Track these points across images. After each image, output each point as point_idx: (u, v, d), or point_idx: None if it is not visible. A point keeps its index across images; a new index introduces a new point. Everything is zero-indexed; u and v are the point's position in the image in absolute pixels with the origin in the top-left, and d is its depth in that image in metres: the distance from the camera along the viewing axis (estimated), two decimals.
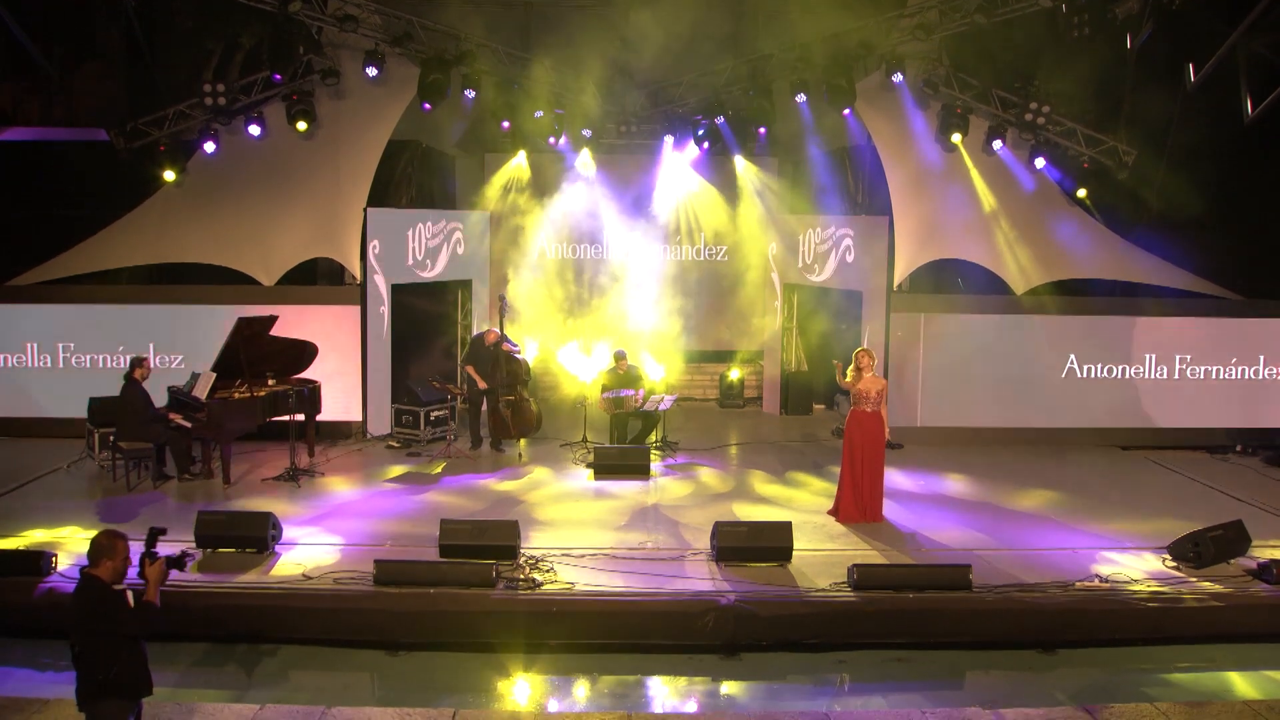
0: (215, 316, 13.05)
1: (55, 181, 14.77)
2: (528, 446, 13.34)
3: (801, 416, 15.92)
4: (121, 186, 14.07)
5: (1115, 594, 8.58)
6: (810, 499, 11.30)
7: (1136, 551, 9.57)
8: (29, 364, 13.60)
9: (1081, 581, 8.77)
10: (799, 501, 11.20)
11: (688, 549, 9.51)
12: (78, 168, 14.57)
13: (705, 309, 16.87)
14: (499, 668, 8.07)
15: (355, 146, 13.66)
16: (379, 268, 13.79)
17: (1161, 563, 9.27)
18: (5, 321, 13.59)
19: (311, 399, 12.44)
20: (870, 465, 10.37)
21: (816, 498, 11.33)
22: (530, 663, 8.13)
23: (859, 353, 10.38)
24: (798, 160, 16.66)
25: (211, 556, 9.07)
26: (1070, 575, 8.89)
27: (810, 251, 15.29)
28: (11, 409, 13.56)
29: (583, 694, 7.75)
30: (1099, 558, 9.41)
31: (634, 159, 16.48)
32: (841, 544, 9.71)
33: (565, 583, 8.56)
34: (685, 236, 16.90)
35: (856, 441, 10.33)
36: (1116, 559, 9.38)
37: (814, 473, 12.38)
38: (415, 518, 10.40)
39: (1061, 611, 8.39)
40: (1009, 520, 10.60)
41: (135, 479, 11.37)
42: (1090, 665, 8.21)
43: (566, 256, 16.82)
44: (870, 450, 10.34)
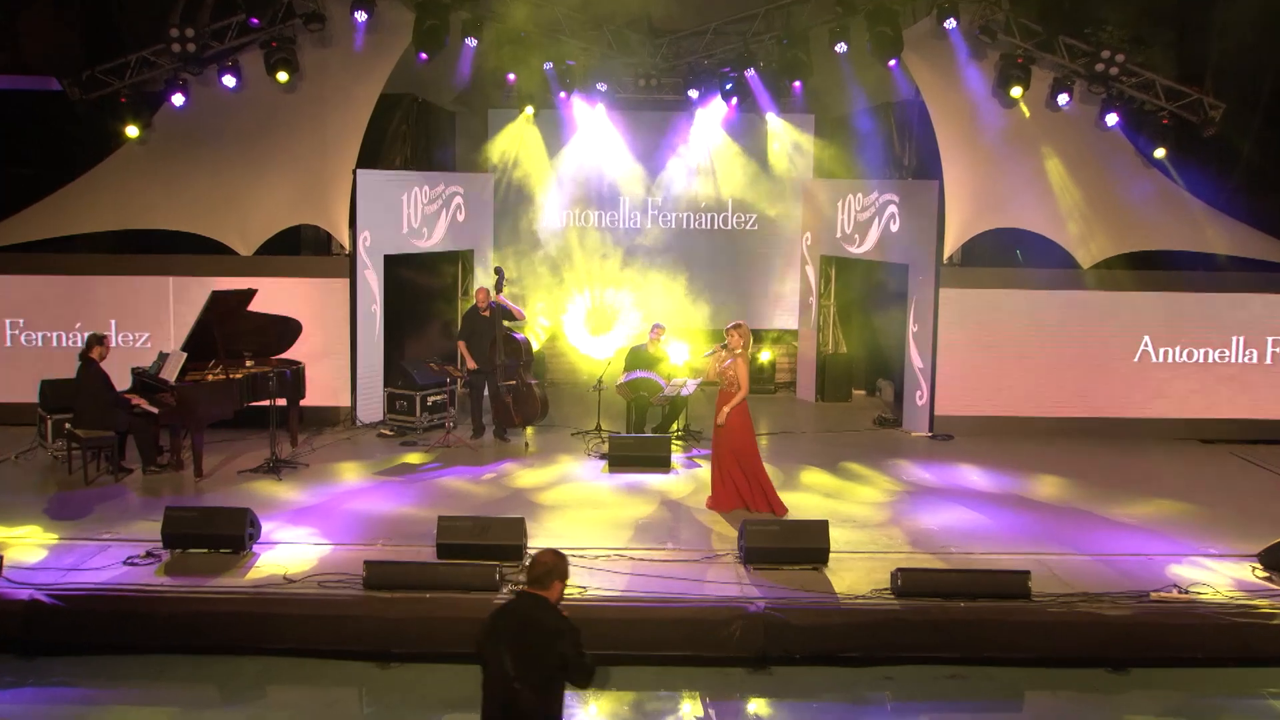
0: (185, 290, 13.04)
1: (0, 136, 14.64)
2: (535, 435, 13.33)
3: (839, 403, 15.91)
4: (77, 143, 14.02)
5: (1196, 607, 8.46)
6: (850, 495, 11.26)
7: (1220, 559, 9.44)
8: None
9: (1157, 592, 8.66)
10: (837, 498, 11.16)
11: (712, 550, 9.49)
12: (26, 121, 14.47)
13: (732, 283, 16.84)
14: None
15: (343, 100, 13.61)
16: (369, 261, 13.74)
17: (1250, 572, 9.13)
18: None
19: (294, 382, 12.42)
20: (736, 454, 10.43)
21: (858, 493, 11.30)
22: None
23: (726, 330, 10.58)
24: (837, 118, 16.58)
25: (181, 558, 9.05)
26: (1144, 584, 8.78)
27: (850, 220, 15.20)
28: None
29: (595, 711, 7.71)
30: (1176, 565, 9.29)
31: (654, 117, 16.41)
32: (884, 545, 9.69)
33: (576, 587, 8.47)
34: (710, 203, 16.83)
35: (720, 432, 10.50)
36: (1197, 567, 9.26)
37: (854, 466, 12.33)
38: (410, 514, 10.38)
39: (1134, 625, 8.28)
40: (1073, 521, 10.51)
41: (94, 471, 11.33)
42: (1167, 687, 8.11)
43: (578, 225, 16.76)
44: (726, 437, 10.44)
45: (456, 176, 15.49)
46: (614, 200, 16.75)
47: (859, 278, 16.12)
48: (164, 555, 9.00)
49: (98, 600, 8.24)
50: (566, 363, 16.33)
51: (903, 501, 11.08)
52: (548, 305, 16.39)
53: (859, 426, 14.46)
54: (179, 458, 11.69)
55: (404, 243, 14.38)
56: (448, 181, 15.09)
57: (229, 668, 8.07)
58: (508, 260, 16.05)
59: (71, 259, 13.78)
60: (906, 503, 11.03)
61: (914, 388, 14.07)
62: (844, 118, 16.35)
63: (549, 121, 16.46)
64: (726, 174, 16.65)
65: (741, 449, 10.48)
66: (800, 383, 16.38)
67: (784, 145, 16.52)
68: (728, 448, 10.46)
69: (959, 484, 11.79)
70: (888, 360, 15.65)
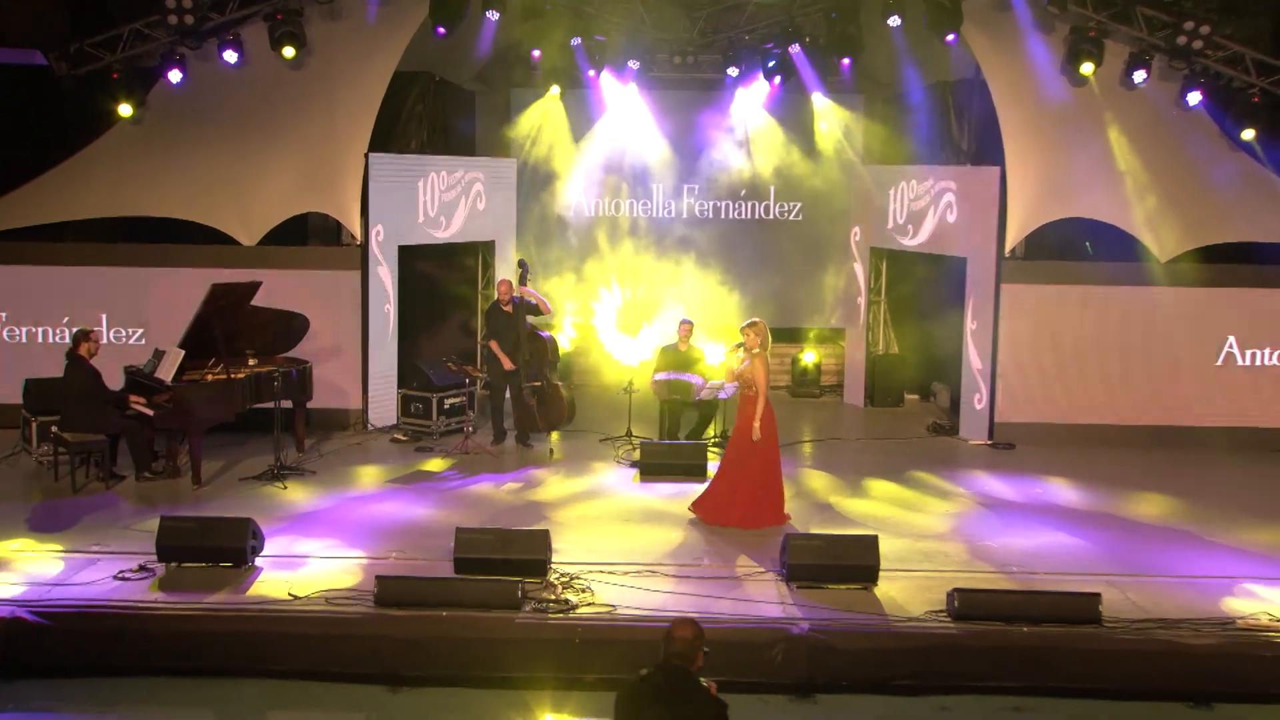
0: (183, 282, 13.06)
1: None
2: (560, 441, 13.30)
3: (890, 409, 15.83)
4: (64, 123, 14.03)
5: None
6: (902, 508, 11.19)
7: None
8: None
9: (1244, 619, 8.54)
10: (887, 511, 11.09)
11: (752, 566, 9.45)
12: (7, 99, 14.41)
13: (774, 277, 16.82)
14: (523, 708, 8.03)
15: (354, 78, 13.63)
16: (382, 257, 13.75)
17: None
18: None
19: (301, 382, 12.44)
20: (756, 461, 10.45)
21: (910, 507, 11.22)
22: (561, 702, 8.08)
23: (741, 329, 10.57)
24: (889, 98, 16.51)
25: (177, 572, 9.05)
26: (1229, 610, 8.67)
27: (903, 209, 15.11)
28: None
29: None
30: (1266, 589, 9.14)
31: (690, 97, 16.38)
32: (939, 563, 9.62)
33: (604, 605, 8.51)
34: (751, 190, 16.81)
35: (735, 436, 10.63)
36: None
37: (906, 477, 12.25)
38: (425, 525, 10.38)
39: (1217, 656, 8.16)
40: (1149, 539, 10.39)
41: (82, 478, 11.36)
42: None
43: (607, 213, 16.77)
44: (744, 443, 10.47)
45: (477, 161, 15.48)
46: (646, 187, 16.72)
47: (912, 272, 16.02)
48: (158, 569, 9.00)
49: (85, 618, 8.24)
50: (593, 362, 16.31)
51: (959, 516, 10.99)
52: (574, 301, 16.36)
53: (911, 434, 14.37)
54: (175, 464, 11.71)
55: (420, 233, 14.38)
56: (467, 166, 15.07)
57: (227, 691, 8.07)
58: (531, 251, 16.02)
59: (58, 248, 13.84)
60: (963, 517, 10.95)
61: (972, 391, 13.95)
62: (897, 98, 16.25)
63: (577, 102, 16.44)
64: (768, 159, 16.60)
65: (769, 458, 10.46)
66: (848, 386, 16.29)
67: (831, 128, 16.43)
68: (758, 459, 10.42)
69: (1021, 497, 11.68)
70: (943, 362, 15.53)
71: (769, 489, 10.54)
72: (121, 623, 8.24)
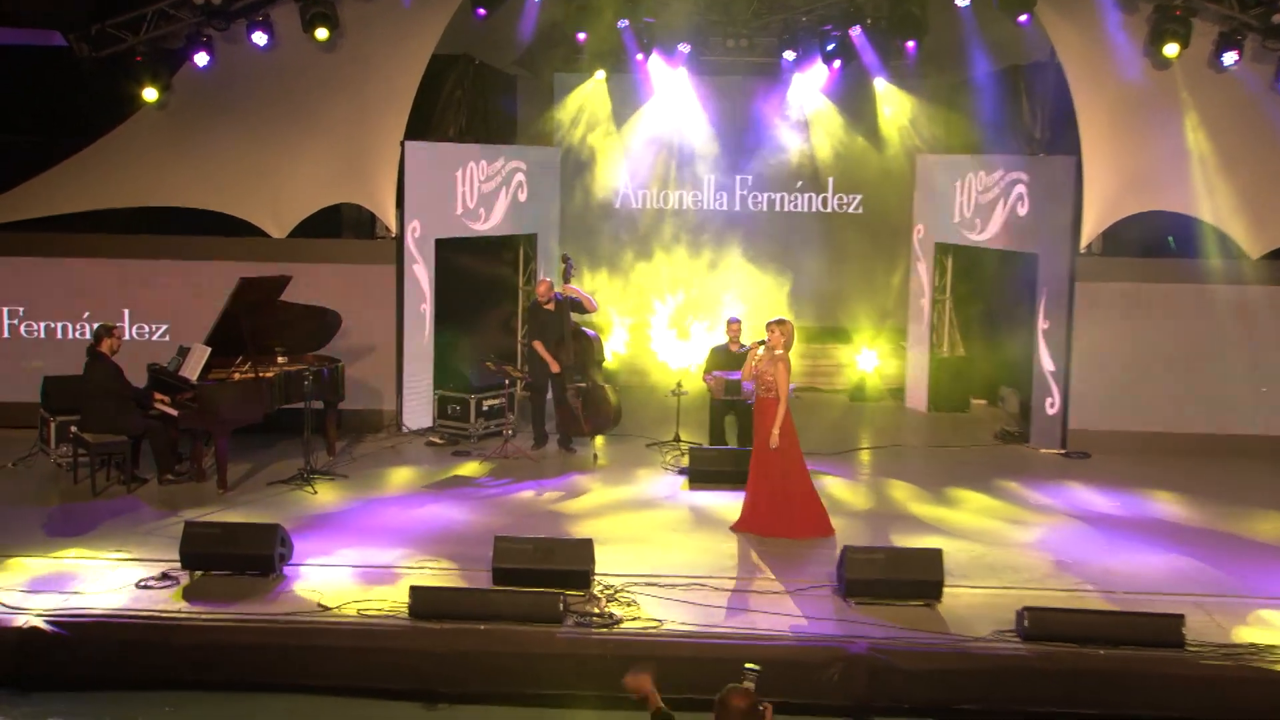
0: (210, 276, 13.17)
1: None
2: (605, 446, 13.29)
3: (955, 414, 15.72)
4: (85, 108, 14.14)
5: None
6: (968, 521, 11.13)
7: None
8: None
9: None
10: (953, 523, 11.03)
11: (808, 580, 9.41)
12: (25, 82, 14.56)
13: (831, 274, 16.82)
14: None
15: (389, 62, 13.69)
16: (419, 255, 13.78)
17: None
18: None
19: (332, 382, 12.50)
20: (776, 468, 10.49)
21: (976, 519, 11.16)
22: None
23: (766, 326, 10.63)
24: (956, 84, 16.43)
25: (201, 580, 9.12)
26: None
27: (970, 202, 15.01)
28: None
29: None
30: None
31: (743, 82, 16.39)
32: (1008, 580, 9.53)
33: (651, 619, 8.51)
34: (808, 182, 16.77)
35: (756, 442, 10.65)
36: None
37: (972, 487, 12.17)
38: (462, 533, 10.42)
39: None
40: (1237, 558, 10.24)
41: (103, 481, 11.47)
42: None
43: (655, 205, 16.80)
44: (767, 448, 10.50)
45: (518, 150, 15.51)
46: (696, 177, 16.74)
47: (979, 269, 15.90)
48: (182, 577, 9.06)
49: (105, 628, 8.32)
50: (639, 363, 16.30)
51: (1029, 529, 10.90)
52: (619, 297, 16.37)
53: (978, 441, 14.29)
54: (200, 466, 11.79)
55: (458, 225, 14.43)
56: (508, 155, 15.10)
57: (253, 706, 8.13)
58: (574, 246, 16.03)
59: (79, 240, 13.95)
60: (1034, 531, 10.85)
61: (1044, 396, 13.83)
62: (964, 83, 16.13)
63: (623, 87, 16.46)
64: (826, 148, 16.59)
65: (791, 467, 10.48)
66: (909, 390, 16.18)
67: (894, 115, 16.38)
68: (777, 468, 10.45)
69: (1097, 510, 11.57)
70: (1013, 365, 15.41)
71: (793, 497, 10.51)
72: (143, 633, 8.31)
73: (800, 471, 10.59)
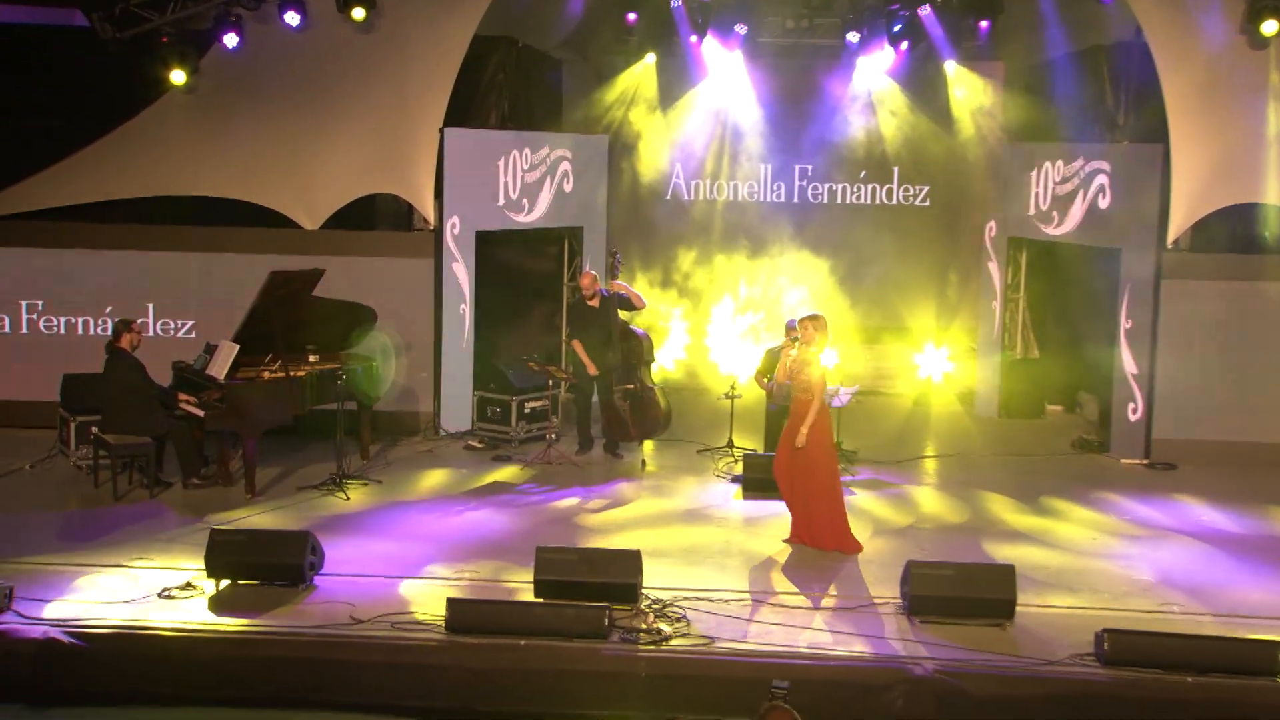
0: (238, 269, 13.28)
1: (15, 80, 14.78)
2: (654, 452, 13.31)
3: (1028, 420, 15.71)
4: (109, 90, 14.21)
5: None
6: (1042, 535, 11.05)
7: None
8: None
9: None
10: (1026, 538, 10.97)
11: (869, 596, 9.40)
12: (46, 63, 14.65)
13: (896, 272, 16.80)
14: None
15: (429, 44, 13.76)
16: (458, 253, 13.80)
17: None
18: None
19: (366, 382, 12.55)
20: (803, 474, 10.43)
21: (1052, 534, 11.08)
22: None
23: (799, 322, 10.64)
24: (1033, 65, 16.36)
25: (228, 590, 9.17)
26: None
27: (1047, 193, 14.93)
28: None
29: None
30: None
31: (803, 65, 16.35)
32: (1086, 599, 9.46)
33: (701, 636, 8.49)
34: (873, 172, 16.71)
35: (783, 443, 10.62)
36: None
37: (1047, 499, 12.10)
38: (502, 543, 10.44)
39: None
40: None
41: (125, 484, 11.55)
42: None
43: (707, 197, 16.79)
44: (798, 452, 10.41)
45: (564, 138, 15.55)
46: (752, 168, 16.69)
47: (1056, 266, 15.81)
48: (207, 587, 9.12)
49: (126, 639, 8.37)
50: (690, 364, 16.28)
51: (1110, 545, 10.80)
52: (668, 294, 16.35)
53: (1053, 450, 14.20)
54: (227, 470, 11.88)
55: (499, 217, 14.47)
56: (553, 144, 15.14)
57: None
58: (622, 239, 16.04)
59: (100, 230, 14.08)
60: (1115, 547, 10.76)
61: (1125, 401, 13.71)
62: (1042, 66, 16.05)
63: (675, 72, 16.46)
64: (892, 136, 16.53)
65: (820, 473, 10.46)
66: (979, 394, 16.15)
67: (965, 100, 16.30)
68: (804, 472, 10.43)
69: (1185, 525, 11.46)
70: (1091, 368, 15.28)
71: (816, 504, 10.50)
72: (165, 646, 8.36)
73: (830, 479, 10.52)
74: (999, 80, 16.35)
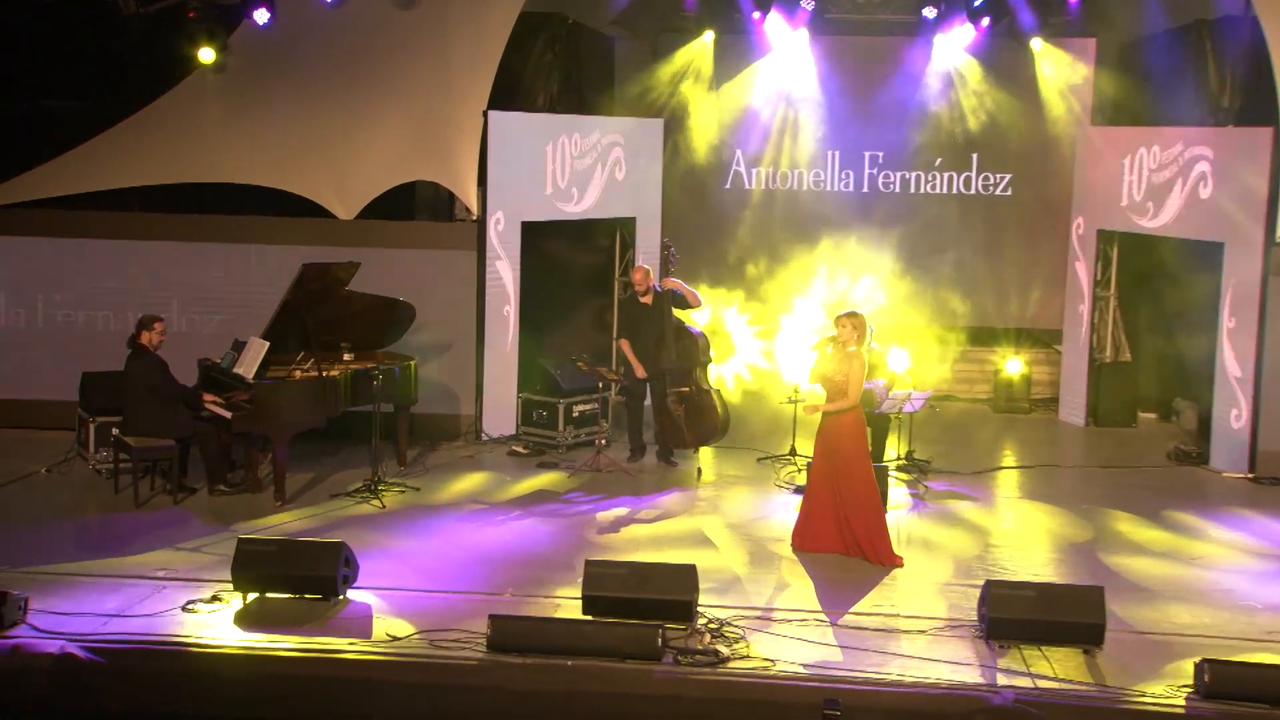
0: (269, 261, 13.37)
1: (33, 59, 14.90)
2: (710, 460, 13.29)
3: (1119, 429, 15.61)
4: (130, 70, 14.36)
5: None
6: (1136, 554, 10.95)
7: None
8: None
9: None
10: (1117, 557, 10.86)
11: (942, 618, 9.33)
12: (63, 41, 14.71)
13: (973, 267, 16.83)
14: None
15: (472, 20, 13.84)
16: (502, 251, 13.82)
17: None
18: None
19: (404, 382, 12.62)
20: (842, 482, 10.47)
21: (1147, 552, 10.97)
22: None
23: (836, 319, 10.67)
24: (1128, 42, 16.29)
25: (256, 604, 9.23)
26: None
27: (1141, 182, 14.83)
28: None
29: None
30: None
31: (875, 43, 16.35)
32: (1184, 626, 9.34)
33: (761, 658, 8.45)
34: (949, 159, 16.63)
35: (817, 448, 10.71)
36: None
37: (1139, 515, 12.00)
38: (548, 556, 10.46)
39: None
40: None
41: (146, 490, 11.67)
42: None
43: (769, 185, 16.76)
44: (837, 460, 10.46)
45: (616, 122, 15.56)
46: (819, 154, 16.69)
47: (1151, 261, 15.71)
48: (234, 600, 9.17)
49: (147, 655, 8.42)
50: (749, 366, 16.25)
51: (1210, 567, 10.69)
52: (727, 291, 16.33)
53: (1147, 461, 14.10)
54: (255, 476, 11.96)
55: (547, 207, 14.50)
56: (604, 128, 15.16)
57: None
58: (677, 231, 16.00)
59: (121, 218, 14.22)
60: (1216, 569, 10.64)
61: (1228, 407, 13.60)
62: (1137, 42, 15.99)
63: (736, 50, 16.47)
64: (972, 120, 16.45)
65: (855, 482, 10.46)
66: (1065, 400, 16.10)
67: (1053, 81, 16.22)
68: (846, 484, 10.46)
69: None
70: (1190, 373, 15.18)
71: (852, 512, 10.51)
72: (189, 662, 8.41)
73: (869, 490, 10.54)
74: (1089, 58, 16.24)
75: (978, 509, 12.17)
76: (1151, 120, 15.36)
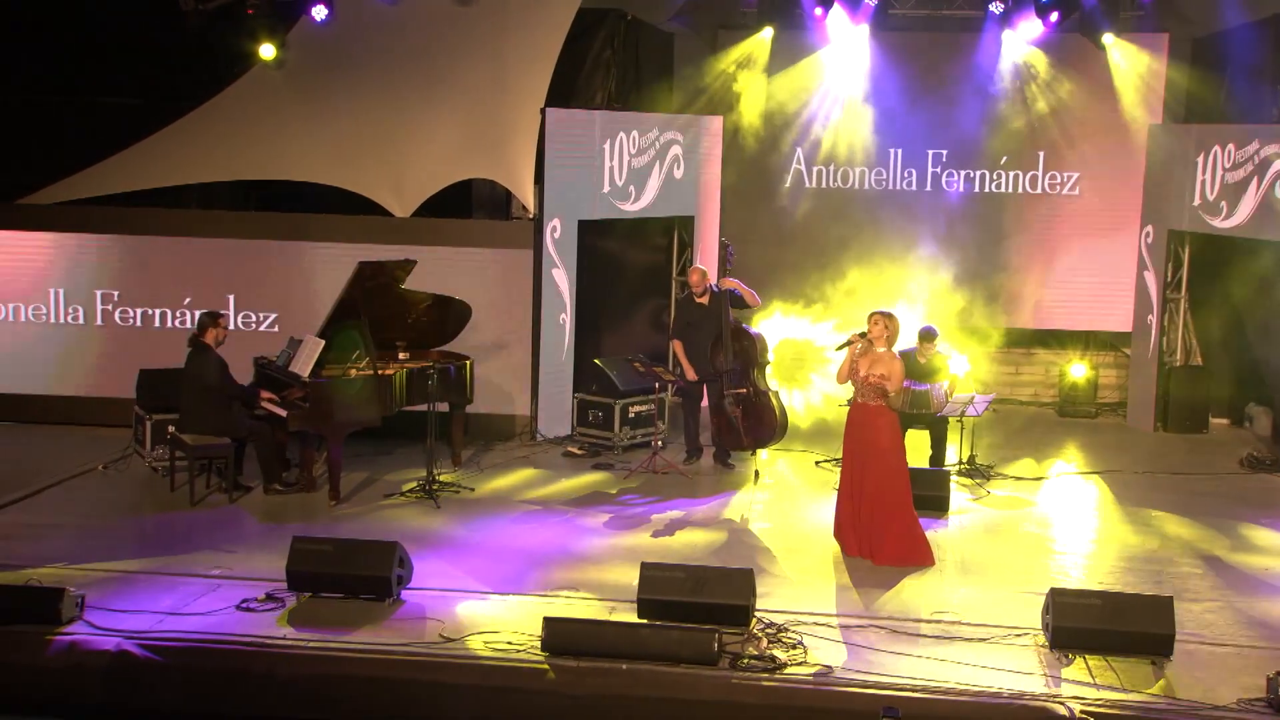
0: (325, 259, 13.46)
1: (91, 56, 15.03)
2: (768, 462, 13.27)
3: (1190, 435, 15.46)
4: (190, 67, 14.46)
5: None
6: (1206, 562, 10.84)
7: None
8: (51, 319, 14.25)
9: None
10: (1186, 566, 10.77)
11: (1005, 626, 9.27)
12: (121, 37, 14.83)
13: (1038, 268, 16.64)
14: None
15: (530, 17, 13.89)
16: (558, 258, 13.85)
17: None
18: (15, 257, 14.15)
19: (459, 382, 12.68)
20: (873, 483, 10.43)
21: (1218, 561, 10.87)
22: None
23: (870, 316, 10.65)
24: (1203, 37, 16.19)
25: (310, 604, 9.31)
26: None
27: (1214, 181, 14.70)
28: (25, 384, 14.17)
29: None
30: None
31: (940, 40, 16.29)
32: (1258, 637, 9.24)
33: (819, 664, 8.44)
34: (1015, 157, 16.53)
35: (847, 447, 10.71)
36: None
37: (1212, 524, 11.87)
38: (602, 558, 10.49)
39: None
40: None
41: (202, 488, 11.79)
42: None
43: (828, 184, 16.71)
44: (869, 459, 10.40)
45: (675, 119, 15.56)
46: (881, 153, 16.61)
47: (1225, 262, 15.53)
48: (289, 599, 9.26)
49: (202, 654, 8.50)
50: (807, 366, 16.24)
51: None
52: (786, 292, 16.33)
53: (1219, 468, 13.97)
54: (310, 475, 12.06)
55: (604, 205, 14.53)
56: (663, 126, 15.17)
57: None
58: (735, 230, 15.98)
59: (180, 216, 14.36)
60: None
61: None
62: (1213, 37, 15.89)
63: (796, 47, 16.44)
64: (1040, 117, 16.37)
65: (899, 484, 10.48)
66: (1133, 405, 16.00)
67: (1125, 77, 16.07)
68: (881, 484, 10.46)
69: None
70: (1263, 377, 15.03)
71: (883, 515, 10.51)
72: (244, 661, 8.48)
73: (905, 490, 10.53)
74: (1162, 54, 16.07)
75: (1041, 515, 12.12)
76: (1226, 117, 15.25)
